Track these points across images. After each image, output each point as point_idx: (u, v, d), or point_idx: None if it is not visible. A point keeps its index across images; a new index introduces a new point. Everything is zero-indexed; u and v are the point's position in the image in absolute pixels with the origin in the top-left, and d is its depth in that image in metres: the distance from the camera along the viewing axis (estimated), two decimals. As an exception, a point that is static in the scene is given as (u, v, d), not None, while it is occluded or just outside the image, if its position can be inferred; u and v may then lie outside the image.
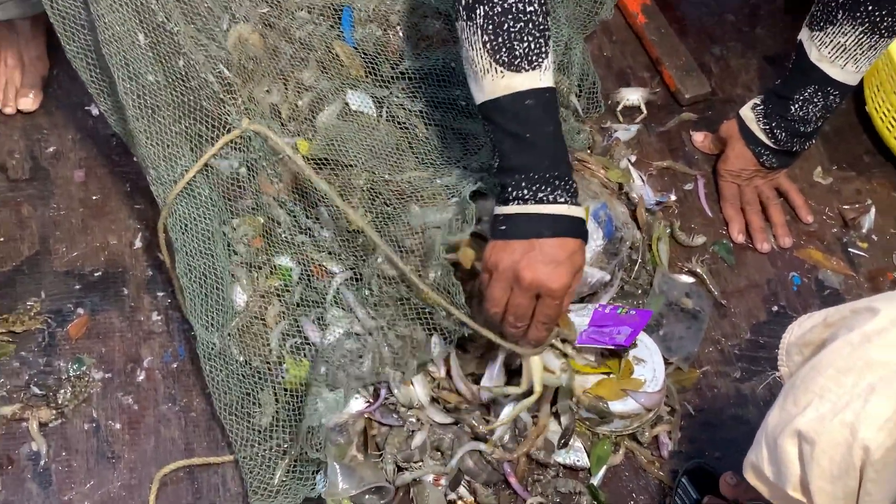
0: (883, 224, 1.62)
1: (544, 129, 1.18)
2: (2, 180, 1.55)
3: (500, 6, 1.16)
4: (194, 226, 1.37)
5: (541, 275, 1.14)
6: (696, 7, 1.84)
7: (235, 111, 1.44)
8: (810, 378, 0.86)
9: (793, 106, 1.48)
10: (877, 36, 1.38)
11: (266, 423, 1.30)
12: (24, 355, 1.39)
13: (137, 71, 1.33)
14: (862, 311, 0.87)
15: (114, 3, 1.30)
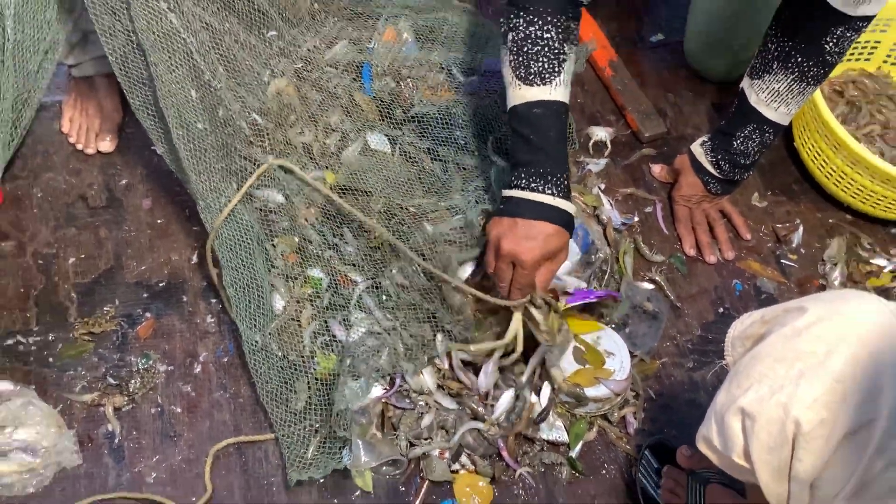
0: (809, 240, 1.61)
1: (547, 133, 1.21)
2: (83, 208, 1.54)
3: (523, 33, 1.21)
4: (237, 245, 1.37)
5: (515, 247, 1.18)
6: (653, 63, 1.84)
7: (264, 151, 1.44)
8: (751, 366, 0.86)
9: (735, 142, 1.47)
10: (804, 84, 1.38)
11: (300, 407, 1.30)
12: (101, 352, 1.38)
13: (188, 120, 1.34)
14: (793, 310, 0.87)
15: (170, 65, 1.30)
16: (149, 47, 1.27)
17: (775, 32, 1.39)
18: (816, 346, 0.82)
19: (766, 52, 1.40)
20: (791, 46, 1.36)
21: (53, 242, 1.49)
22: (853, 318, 0.82)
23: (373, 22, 1.66)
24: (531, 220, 1.18)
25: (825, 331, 0.82)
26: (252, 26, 1.51)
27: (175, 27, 1.28)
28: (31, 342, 1.38)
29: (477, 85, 1.59)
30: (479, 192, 1.44)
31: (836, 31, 1.31)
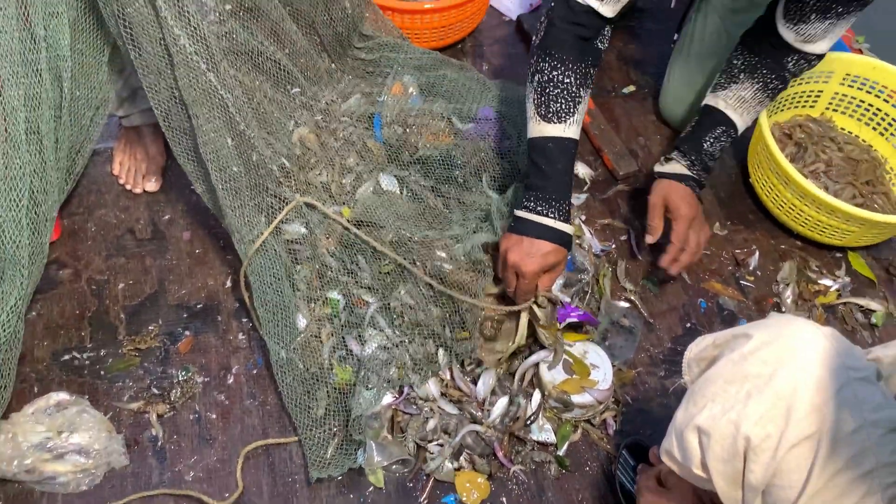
0: (764, 263, 1.61)
1: (556, 165, 1.27)
2: (131, 240, 1.55)
3: (548, 76, 1.27)
4: (266, 272, 1.38)
5: (518, 260, 1.26)
6: (625, 111, 1.86)
7: (290, 190, 1.46)
8: (705, 387, 0.86)
9: (706, 142, 1.43)
10: (765, 94, 1.42)
11: (321, 414, 1.30)
12: (146, 366, 1.39)
13: (225, 164, 1.36)
14: (740, 336, 0.88)
15: (209, 117, 1.32)
16: (190, 102, 1.29)
17: (741, 51, 1.43)
18: (762, 369, 0.82)
19: (733, 68, 1.43)
20: (757, 61, 1.40)
21: (105, 270, 1.50)
22: (792, 343, 0.82)
23: (382, 79, 1.69)
24: (534, 239, 1.26)
25: (768, 354, 0.83)
26: (278, 84, 1.53)
27: (213, 85, 1.30)
28: (85, 357, 1.39)
29: (473, 131, 1.60)
30: (478, 221, 1.45)
31: (793, 57, 1.37)
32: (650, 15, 2.04)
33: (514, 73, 1.89)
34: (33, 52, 1.22)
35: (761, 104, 1.44)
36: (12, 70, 1.19)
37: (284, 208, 1.42)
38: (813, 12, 1.29)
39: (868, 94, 1.70)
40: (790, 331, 0.84)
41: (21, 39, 1.20)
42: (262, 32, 1.46)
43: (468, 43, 1.94)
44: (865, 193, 1.63)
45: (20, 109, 1.21)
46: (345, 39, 1.66)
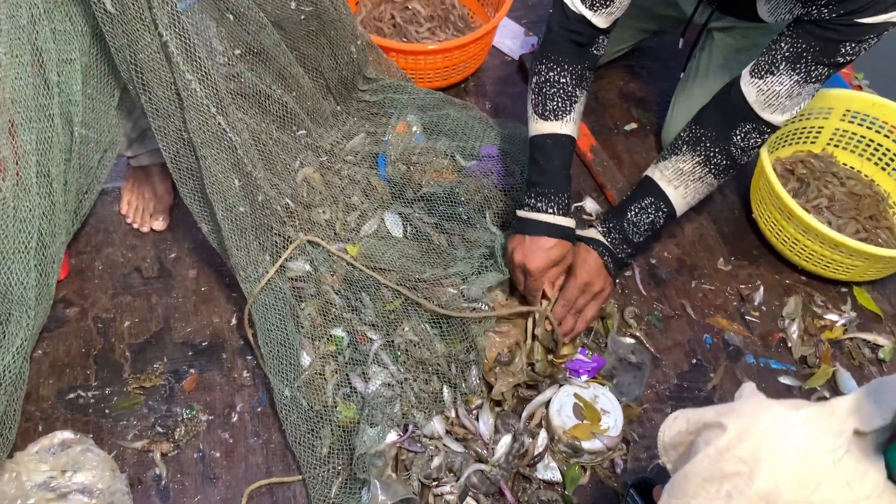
0: (769, 298, 1.61)
1: (553, 161, 1.33)
2: (138, 278, 1.57)
3: (544, 77, 1.35)
4: (271, 310, 1.39)
5: (523, 258, 1.33)
6: (627, 147, 1.88)
7: (294, 229, 1.47)
8: (684, 483, 0.85)
9: (630, 212, 1.39)
10: (707, 170, 1.36)
11: (325, 452, 1.30)
12: (151, 404, 1.39)
13: (232, 204, 1.38)
14: (713, 426, 0.85)
15: (218, 158, 1.35)
16: (199, 143, 1.32)
17: (689, 124, 1.39)
18: (739, 467, 0.80)
19: (678, 139, 1.39)
20: (702, 133, 1.36)
21: (111, 308, 1.51)
22: (768, 436, 0.80)
23: (386, 119, 1.71)
24: (536, 236, 1.34)
25: (744, 451, 0.80)
26: (284, 126, 1.56)
27: (222, 127, 1.33)
28: (90, 396, 1.39)
29: (476, 168, 1.62)
30: (482, 259, 1.46)
31: (744, 127, 1.32)
32: (651, 53, 2.08)
33: (517, 111, 1.91)
34: (46, 98, 1.25)
35: (702, 182, 1.37)
36: (25, 115, 1.22)
37: (288, 247, 1.44)
38: (784, 61, 1.26)
39: (868, 129, 1.71)
40: (763, 421, 0.82)
41: (35, 85, 1.23)
42: (270, 76, 1.49)
43: (471, 82, 1.97)
44: (869, 228, 1.64)
45: (32, 153, 1.23)
46: (350, 83, 1.69)
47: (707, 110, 1.38)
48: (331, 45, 1.59)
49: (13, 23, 1.17)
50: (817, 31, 1.23)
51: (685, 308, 1.58)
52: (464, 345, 1.35)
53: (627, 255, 1.43)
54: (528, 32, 2.11)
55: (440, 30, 1.98)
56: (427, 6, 2.00)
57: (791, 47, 1.26)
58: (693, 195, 1.39)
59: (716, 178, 1.38)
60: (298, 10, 1.45)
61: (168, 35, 1.22)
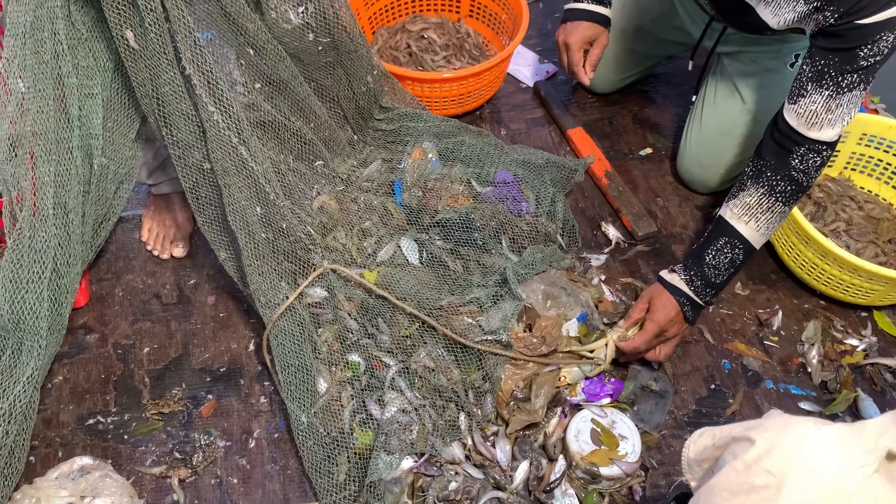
0: (788, 323, 1.60)
1: None
2: (157, 304, 1.59)
3: None
4: (289, 337, 1.40)
5: (564, 37, 1.77)
6: (643, 172, 1.88)
7: (318, 256, 1.49)
8: (711, 497, 0.84)
9: (707, 256, 1.39)
10: (773, 199, 1.35)
11: (342, 479, 1.30)
12: (169, 430, 1.40)
13: (253, 231, 1.40)
14: (741, 440, 0.85)
15: (241, 186, 1.37)
16: (221, 172, 1.34)
17: (750, 160, 1.40)
18: (768, 480, 0.79)
19: (743, 175, 1.40)
20: (762, 165, 1.36)
21: (131, 335, 1.53)
22: (797, 449, 0.80)
23: (402, 147, 1.73)
24: (574, 21, 1.74)
25: (773, 464, 0.80)
26: (302, 156, 1.59)
27: (244, 158, 1.35)
28: (109, 422, 1.41)
29: (492, 194, 1.63)
30: (497, 287, 1.46)
31: (798, 150, 1.32)
32: (665, 79, 2.09)
33: (532, 138, 1.93)
34: (66, 131, 1.28)
35: (772, 212, 1.36)
36: (46, 147, 1.25)
37: (310, 274, 1.45)
38: (809, 82, 1.27)
39: (886, 153, 1.71)
40: (792, 435, 0.81)
41: (56, 119, 1.26)
42: (288, 107, 1.52)
43: (486, 109, 2.00)
44: (888, 252, 1.63)
45: (49, 185, 1.26)
46: (366, 112, 1.72)
47: (763, 143, 1.39)
48: (347, 75, 1.62)
49: (37, 58, 1.21)
50: (829, 44, 1.24)
51: (703, 333, 1.57)
52: (479, 373, 1.35)
53: (712, 297, 1.42)
54: (542, 59, 2.13)
55: (455, 58, 2.01)
56: (442, 35, 2.03)
57: (812, 67, 1.27)
58: (766, 226, 1.38)
59: (785, 205, 1.37)
60: (316, 42, 1.48)
61: (191, 68, 1.25)
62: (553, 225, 1.63)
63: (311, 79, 1.57)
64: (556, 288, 1.48)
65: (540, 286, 1.47)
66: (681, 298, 1.40)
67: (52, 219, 1.27)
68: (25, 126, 1.23)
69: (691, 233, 1.75)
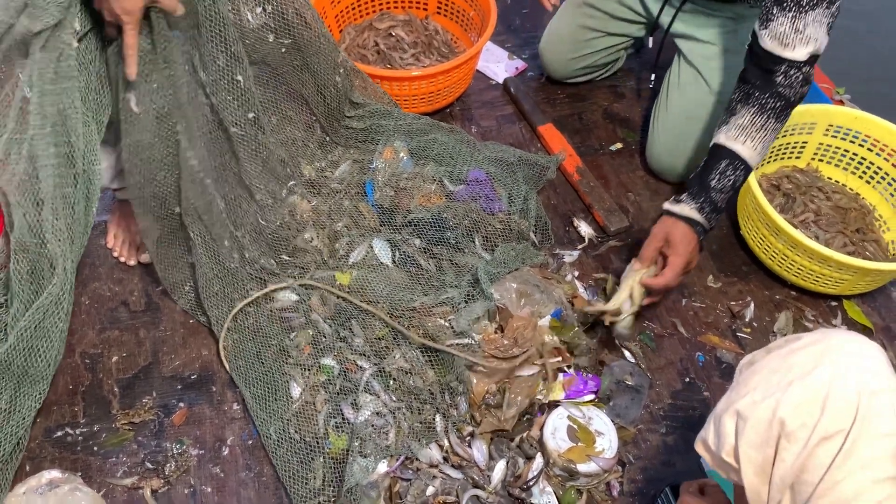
0: (760, 314, 1.62)
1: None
2: (125, 312, 1.56)
3: None
4: (244, 349, 1.40)
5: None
6: (614, 167, 1.89)
7: (284, 276, 1.51)
8: (749, 377, 0.88)
9: (712, 181, 1.43)
10: (765, 116, 1.41)
11: (318, 484, 1.28)
12: (140, 439, 1.38)
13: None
14: (791, 339, 0.90)
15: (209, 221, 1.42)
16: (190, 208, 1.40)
17: (736, 87, 1.46)
18: (806, 361, 0.83)
19: (731, 103, 1.45)
20: (749, 88, 1.42)
21: (99, 343, 1.50)
22: (840, 343, 0.85)
23: (374, 147, 1.72)
24: None
25: (815, 350, 0.84)
26: (268, 162, 1.57)
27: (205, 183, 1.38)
28: (78, 433, 1.38)
29: (464, 192, 1.63)
30: (469, 287, 1.45)
31: (779, 69, 1.39)
32: (634, 74, 2.10)
33: (503, 134, 1.93)
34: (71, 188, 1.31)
35: (765, 129, 1.42)
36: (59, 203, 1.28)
37: (278, 286, 1.45)
38: (774, 6, 1.35)
39: (852, 143, 1.73)
40: (840, 334, 0.87)
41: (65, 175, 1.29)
42: (261, 109, 1.51)
43: (456, 107, 1.99)
44: (856, 241, 1.65)
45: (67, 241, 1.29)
46: (337, 112, 1.70)
47: (745, 70, 1.45)
48: (314, 77, 1.60)
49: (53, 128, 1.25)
50: None
51: (676, 326, 1.58)
52: (453, 374, 1.35)
53: (716, 222, 1.47)
54: (511, 56, 2.13)
55: (424, 55, 2.00)
56: (410, 32, 2.02)
57: None
58: (761, 145, 1.43)
59: (777, 122, 1.43)
60: (278, 43, 1.46)
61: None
62: (526, 222, 1.63)
63: (282, 82, 1.55)
64: (529, 286, 1.47)
65: (513, 285, 1.46)
66: (696, 227, 1.43)
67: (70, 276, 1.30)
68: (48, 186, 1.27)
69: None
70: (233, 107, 1.41)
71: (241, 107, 1.41)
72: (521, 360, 1.37)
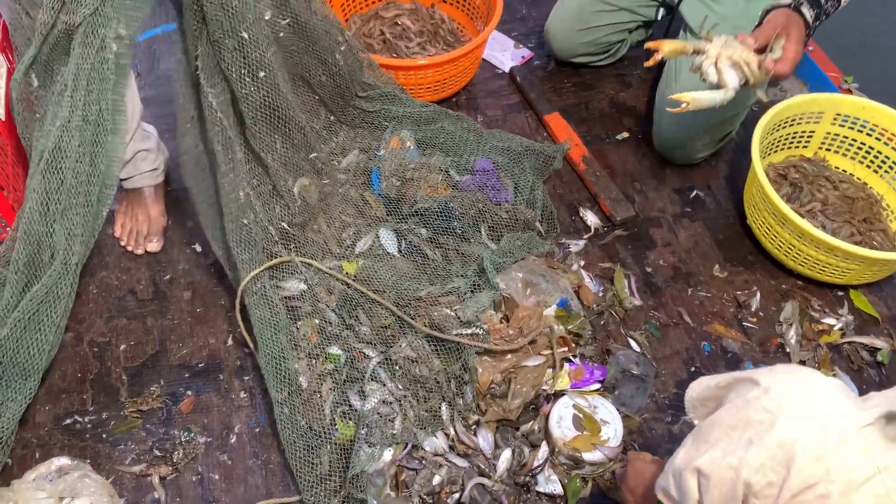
0: (766, 304, 1.61)
1: None
2: (133, 301, 1.56)
3: None
4: (268, 325, 1.39)
5: None
6: (620, 156, 1.88)
7: (287, 251, 1.49)
8: (708, 431, 0.87)
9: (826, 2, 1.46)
10: None
11: (324, 471, 1.29)
12: (149, 427, 1.39)
13: (237, 216, 1.45)
14: (744, 381, 0.88)
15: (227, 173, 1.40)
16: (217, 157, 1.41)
17: None
18: (764, 416, 0.82)
19: None
20: None
21: (107, 332, 1.51)
22: (795, 390, 0.82)
23: (379, 133, 1.71)
24: None
25: (771, 402, 0.82)
26: (291, 143, 1.58)
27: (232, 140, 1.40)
28: (86, 421, 1.39)
29: (470, 182, 1.63)
30: (475, 277, 1.46)
31: None
32: (640, 63, 2.09)
33: (509, 124, 1.92)
34: (94, 185, 1.33)
35: None
36: (77, 201, 1.31)
37: (282, 264, 1.45)
38: None
39: (860, 132, 1.72)
40: (794, 378, 0.84)
41: (88, 173, 1.31)
42: (283, 92, 1.51)
43: (462, 96, 1.98)
44: (863, 231, 1.65)
45: (78, 238, 1.31)
46: (346, 92, 1.68)
47: None
48: (318, 58, 1.58)
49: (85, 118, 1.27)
50: None
51: (682, 316, 1.58)
52: (459, 363, 1.35)
53: (815, 30, 1.47)
54: (517, 45, 2.12)
55: (430, 44, 1.99)
56: (416, 21, 2.01)
57: None
58: None
59: None
60: (274, 22, 1.45)
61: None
62: (532, 212, 1.63)
63: (289, 66, 1.55)
64: (534, 275, 1.48)
65: (519, 274, 1.46)
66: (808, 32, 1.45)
67: (73, 274, 1.32)
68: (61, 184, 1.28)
69: (669, 216, 1.76)
70: (238, 64, 1.41)
71: (247, 65, 1.41)
72: (526, 343, 1.37)
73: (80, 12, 1.22)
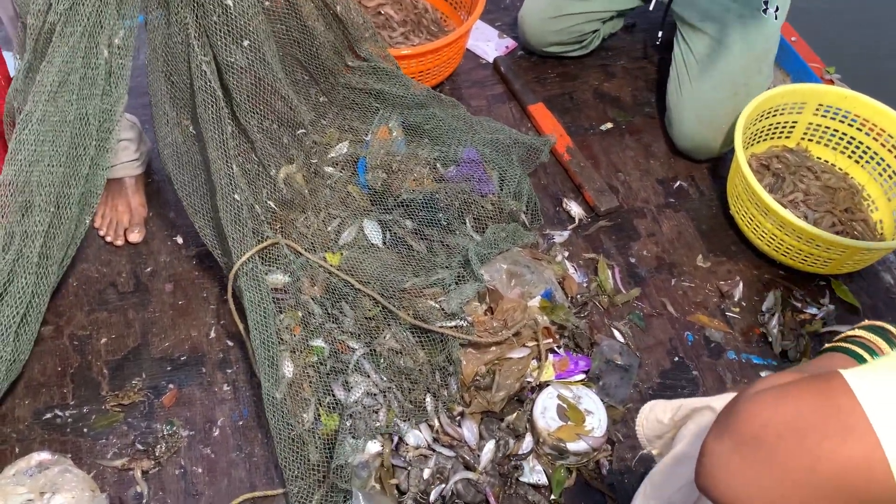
0: (748, 294, 1.62)
1: None
2: (113, 293, 1.54)
3: None
4: (257, 307, 1.37)
5: None
6: (604, 147, 1.88)
7: (273, 232, 1.49)
8: (675, 466, 0.87)
9: None
10: None
11: (312, 461, 1.27)
12: (130, 421, 1.37)
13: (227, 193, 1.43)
14: (702, 410, 0.86)
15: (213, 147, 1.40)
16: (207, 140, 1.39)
17: None
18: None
19: None
20: None
21: (87, 325, 1.49)
22: None
23: (369, 116, 1.68)
24: None
25: None
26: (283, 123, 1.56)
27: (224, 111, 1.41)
28: (67, 415, 1.37)
29: (456, 173, 1.61)
30: (460, 268, 1.45)
31: None
32: (624, 53, 2.09)
33: (493, 114, 1.91)
34: (74, 188, 1.32)
35: None
36: (46, 199, 1.28)
37: (268, 246, 1.44)
38: None
39: (841, 123, 1.73)
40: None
41: (65, 175, 1.30)
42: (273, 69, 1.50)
43: (447, 86, 1.97)
44: (845, 221, 1.65)
45: (39, 236, 1.29)
46: (335, 66, 1.66)
47: None
48: (306, 33, 1.56)
49: (62, 115, 1.26)
50: None
51: (666, 306, 1.59)
52: (444, 354, 1.34)
53: None
54: (501, 35, 2.11)
55: (413, 34, 1.97)
56: (399, 11, 2.00)
57: None
58: None
59: None
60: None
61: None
62: (517, 204, 1.62)
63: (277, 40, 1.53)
64: (519, 266, 1.47)
65: (503, 265, 1.46)
66: None
67: (35, 268, 1.29)
68: (32, 175, 1.26)
69: (653, 206, 1.76)
70: (223, 32, 1.38)
71: (231, 33, 1.38)
72: (510, 336, 1.37)
73: (59, 9, 1.21)
